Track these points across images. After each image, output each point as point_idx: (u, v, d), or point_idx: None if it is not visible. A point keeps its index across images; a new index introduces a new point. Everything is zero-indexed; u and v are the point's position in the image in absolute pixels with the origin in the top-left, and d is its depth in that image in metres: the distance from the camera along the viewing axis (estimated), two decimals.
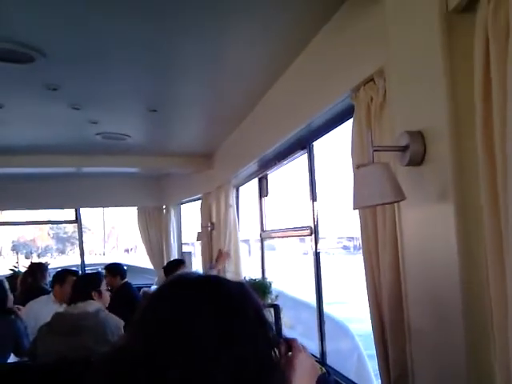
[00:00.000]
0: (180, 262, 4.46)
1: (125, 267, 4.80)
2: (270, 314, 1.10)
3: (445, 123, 1.25)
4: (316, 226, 2.80)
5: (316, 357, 2.79)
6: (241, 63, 2.66)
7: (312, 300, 2.96)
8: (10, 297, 3.11)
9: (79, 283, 2.88)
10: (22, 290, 4.20)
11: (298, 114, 2.49)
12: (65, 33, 2.25)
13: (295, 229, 3.28)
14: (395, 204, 1.47)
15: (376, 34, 1.64)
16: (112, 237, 18.03)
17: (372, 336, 1.69)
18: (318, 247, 2.78)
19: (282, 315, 3.19)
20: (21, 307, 3.44)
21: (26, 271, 4.59)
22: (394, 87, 1.50)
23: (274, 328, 1.07)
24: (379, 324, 1.65)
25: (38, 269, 4.44)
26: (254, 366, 0.79)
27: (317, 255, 2.78)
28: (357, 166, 1.33)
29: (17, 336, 2.98)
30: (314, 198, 2.82)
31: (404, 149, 1.34)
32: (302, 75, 2.48)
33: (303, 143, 2.87)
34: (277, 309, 1.14)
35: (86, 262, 7.28)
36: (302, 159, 3.07)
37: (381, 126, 1.60)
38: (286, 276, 4.46)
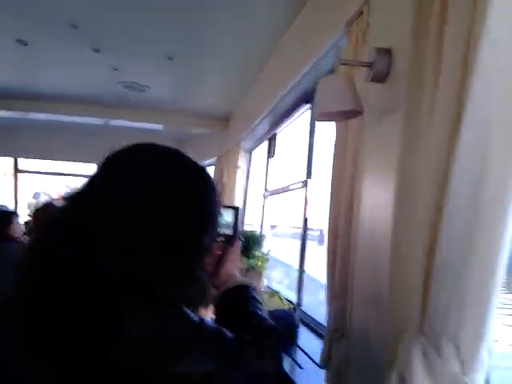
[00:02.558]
0: None
1: None
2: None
3: (407, 39, 1.25)
4: (308, 179, 2.83)
5: (292, 303, 2.85)
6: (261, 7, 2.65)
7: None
8: None
9: None
10: None
11: (302, 60, 2.49)
12: None
13: (290, 185, 3.33)
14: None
15: None
16: None
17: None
18: (308, 197, 2.80)
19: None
20: None
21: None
22: (374, 8, 1.50)
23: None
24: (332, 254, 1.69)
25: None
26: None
27: (306, 207, 2.81)
28: (322, 79, 1.36)
29: None
30: (311, 148, 2.85)
31: (370, 65, 1.35)
32: (307, 20, 2.49)
33: (307, 97, 2.89)
34: (237, 210, 1.15)
35: None
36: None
37: (363, 53, 1.60)
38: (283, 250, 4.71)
